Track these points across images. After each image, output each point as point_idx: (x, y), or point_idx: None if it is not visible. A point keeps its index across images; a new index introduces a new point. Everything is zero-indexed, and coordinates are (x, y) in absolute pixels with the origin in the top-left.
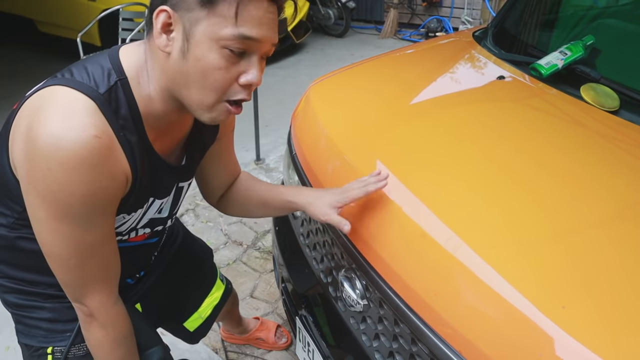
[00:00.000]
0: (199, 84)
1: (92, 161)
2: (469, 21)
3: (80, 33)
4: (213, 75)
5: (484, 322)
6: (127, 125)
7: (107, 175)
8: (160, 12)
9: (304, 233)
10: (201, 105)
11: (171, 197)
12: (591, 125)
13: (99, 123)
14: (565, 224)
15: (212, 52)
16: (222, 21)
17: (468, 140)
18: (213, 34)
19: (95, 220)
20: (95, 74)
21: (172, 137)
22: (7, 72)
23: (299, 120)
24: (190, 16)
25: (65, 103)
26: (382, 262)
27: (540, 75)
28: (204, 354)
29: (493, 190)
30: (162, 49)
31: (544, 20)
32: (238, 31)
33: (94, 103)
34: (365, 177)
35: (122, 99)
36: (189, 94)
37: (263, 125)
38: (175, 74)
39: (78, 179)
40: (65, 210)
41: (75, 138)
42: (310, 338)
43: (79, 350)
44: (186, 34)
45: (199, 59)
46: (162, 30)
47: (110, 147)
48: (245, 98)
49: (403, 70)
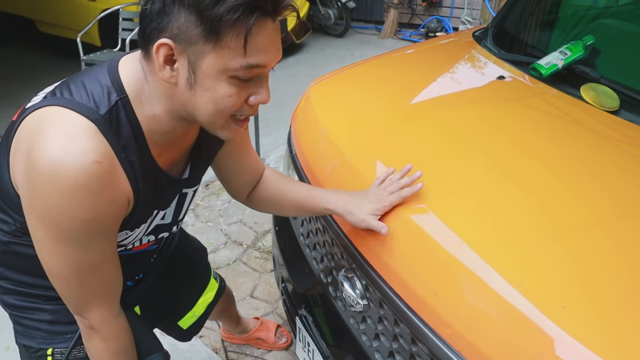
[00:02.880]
0: (210, 112)
1: (93, 187)
2: (469, 21)
3: (80, 33)
4: (223, 103)
5: (484, 322)
6: (129, 145)
7: (108, 199)
8: (161, 45)
9: (304, 233)
10: (212, 125)
11: (174, 204)
12: (591, 125)
13: (100, 146)
14: (565, 224)
15: (221, 82)
16: (228, 53)
17: (468, 140)
18: (222, 67)
19: (95, 241)
20: (94, 92)
21: (177, 149)
22: (7, 72)
23: (299, 120)
24: (195, 49)
25: (65, 126)
26: (382, 262)
27: (540, 75)
28: (204, 354)
29: (493, 190)
30: (166, 81)
31: (544, 20)
32: (247, 62)
33: (95, 125)
34: (397, 176)
35: (124, 119)
36: (201, 118)
37: (263, 125)
38: (184, 102)
39: (79, 205)
40: (65, 234)
41: (75, 164)
42: (310, 338)
43: (79, 352)
44: (192, 66)
45: (207, 89)
46: (165, 63)
47: (111, 171)
48: (252, 114)
49: (403, 71)
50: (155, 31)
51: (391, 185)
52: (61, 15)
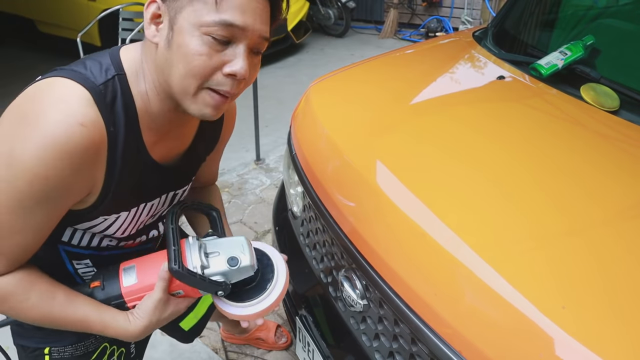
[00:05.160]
0: (181, 71)
1: (66, 147)
2: (469, 21)
3: (80, 33)
4: (194, 61)
5: (484, 322)
6: (119, 120)
7: (75, 166)
8: (150, 3)
9: (304, 233)
10: (185, 92)
11: (166, 204)
12: (591, 125)
13: (91, 113)
14: (565, 224)
15: (194, 38)
16: (203, 7)
17: (468, 140)
18: (194, 20)
19: (33, 204)
20: (93, 68)
21: (173, 144)
22: (7, 72)
23: (299, 120)
24: (175, 4)
25: (60, 90)
26: (382, 262)
27: (540, 75)
28: (204, 354)
29: (493, 190)
30: (150, 39)
31: (544, 20)
32: (219, 17)
33: (89, 94)
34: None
35: (119, 94)
36: (173, 82)
37: (263, 125)
38: (162, 63)
39: (42, 158)
40: (8, 178)
41: (59, 122)
42: (310, 338)
43: (77, 350)
44: (171, 23)
45: (180, 46)
46: (151, 20)
47: (93, 140)
48: (229, 90)
49: (403, 71)
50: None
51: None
52: (61, 15)
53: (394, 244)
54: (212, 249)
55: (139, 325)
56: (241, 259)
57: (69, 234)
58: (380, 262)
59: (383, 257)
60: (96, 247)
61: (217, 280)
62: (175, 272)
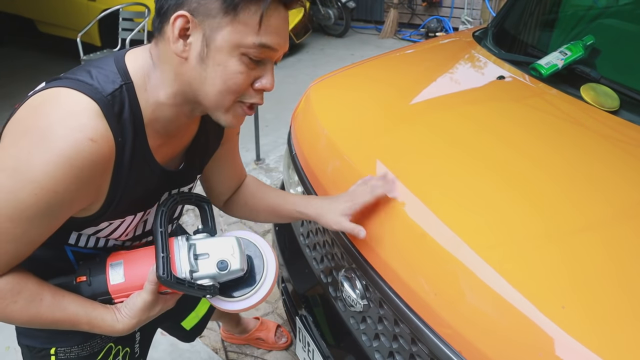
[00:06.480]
0: (218, 88)
1: (76, 162)
2: (469, 21)
3: (80, 33)
4: (233, 80)
5: (484, 322)
6: (126, 129)
7: (84, 181)
8: (178, 17)
9: (304, 233)
10: (219, 107)
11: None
12: (591, 125)
13: (100, 127)
14: (565, 224)
15: (233, 58)
16: (244, 29)
17: (468, 140)
18: (235, 41)
19: (30, 215)
20: (99, 77)
21: (177, 143)
22: (7, 72)
23: (299, 121)
24: (212, 22)
25: (68, 104)
26: (382, 262)
27: (540, 75)
28: (204, 354)
29: (493, 190)
30: (178, 55)
31: (544, 20)
32: (260, 40)
33: (97, 106)
34: (368, 178)
35: (126, 103)
36: (207, 97)
37: (263, 125)
38: (193, 78)
39: (51, 172)
40: (13, 189)
41: (68, 136)
42: (310, 338)
43: (83, 350)
44: (206, 40)
45: (219, 64)
46: (179, 35)
47: (103, 153)
48: (258, 102)
49: (403, 71)
50: (173, 7)
51: (362, 185)
52: (61, 15)
53: (394, 244)
54: (202, 250)
55: (127, 324)
56: (231, 263)
57: (75, 238)
58: (380, 262)
59: (383, 257)
60: (103, 247)
61: (205, 284)
62: (164, 281)
